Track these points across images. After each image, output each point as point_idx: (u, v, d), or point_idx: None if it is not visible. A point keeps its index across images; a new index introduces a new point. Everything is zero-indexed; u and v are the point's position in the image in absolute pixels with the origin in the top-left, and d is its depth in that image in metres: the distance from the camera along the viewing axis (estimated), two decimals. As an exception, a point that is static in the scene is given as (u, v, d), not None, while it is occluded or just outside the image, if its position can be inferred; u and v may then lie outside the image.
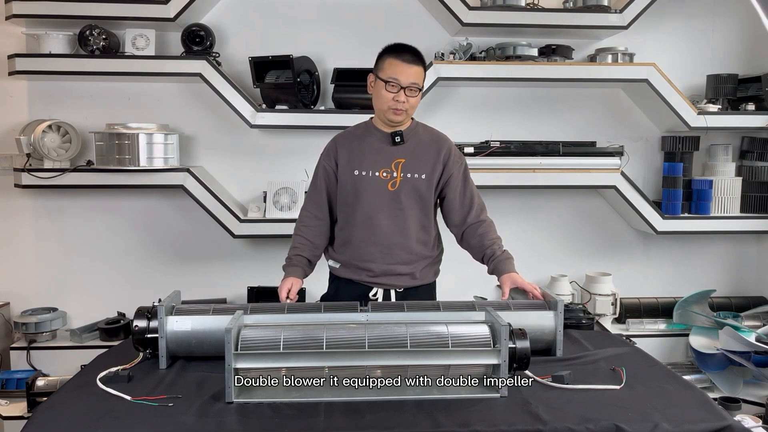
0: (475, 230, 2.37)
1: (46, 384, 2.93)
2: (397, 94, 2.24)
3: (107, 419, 1.63)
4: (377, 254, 2.32)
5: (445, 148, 2.38)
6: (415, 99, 2.28)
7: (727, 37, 3.83)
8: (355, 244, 2.34)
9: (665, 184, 3.69)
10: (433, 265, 2.45)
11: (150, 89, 3.59)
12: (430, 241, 2.40)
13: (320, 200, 2.40)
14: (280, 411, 1.68)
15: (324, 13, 3.63)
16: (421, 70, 2.28)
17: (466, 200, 2.39)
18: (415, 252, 2.35)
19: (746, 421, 1.94)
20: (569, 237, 3.90)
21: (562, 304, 2.09)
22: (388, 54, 2.27)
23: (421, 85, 2.28)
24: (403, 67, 2.24)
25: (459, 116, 3.74)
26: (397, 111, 2.26)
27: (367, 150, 2.34)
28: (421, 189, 2.33)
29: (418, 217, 2.34)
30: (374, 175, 2.31)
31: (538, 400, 1.73)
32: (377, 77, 2.28)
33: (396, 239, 2.32)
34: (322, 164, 2.40)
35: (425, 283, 2.42)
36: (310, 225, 2.40)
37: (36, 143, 3.27)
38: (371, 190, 2.31)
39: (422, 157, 2.34)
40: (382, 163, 2.32)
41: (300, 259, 2.35)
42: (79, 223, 3.64)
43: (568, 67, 3.48)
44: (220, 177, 3.68)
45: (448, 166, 2.36)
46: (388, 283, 2.35)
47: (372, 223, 2.31)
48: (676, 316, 3.71)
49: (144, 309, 1.99)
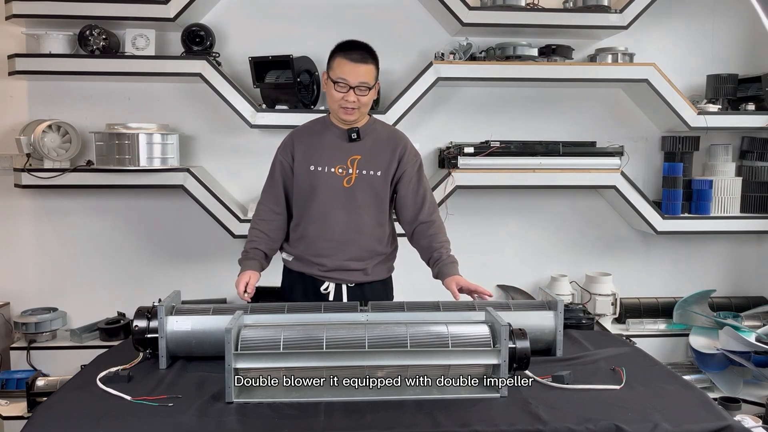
0: (426, 230, 2.37)
1: (46, 384, 2.93)
2: (347, 94, 2.24)
3: (107, 419, 1.63)
4: (331, 250, 2.33)
5: (401, 145, 2.39)
6: (367, 97, 2.28)
7: (727, 37, 3.83)
8: (310, 239, 2.35)
9: (665, 184, 3.69)
10: (387, 262, 2.45)
11: (150, 89, 3.59)
12: (385, 238, 2.41)
13: (277, 194, 2.40)
14: (280, 411, 1.68)
15: (324, 13, 3.63)
16: (371, 68, 2.26)
17: (419, 198, 2.39)
18: (369, 249, 2.36)
19: (746, 421, 1.95)
20: (569, 237, 3.90)
21: (562, 304, 2.09)
22: (338, 52, 2.27)
23: (371, 84, 2.27)
24: (351, 66, 2.23)
25: (459, 116, 3.74)
26: (347, 110, 2.27)
27: (324, 146, 2.35)
28: (376, 186, 2.33)
29: (373, 214, 2.35)
30: (330, 171, 2.32)
31: (538, 400, 1.73)
32: (328, 76, 2.29)
33: (350, 235, 2.33)
34: (279, 158, 2.41)
35: (378, 279, 2.42)
36: (267, 219, 2.40)
37: (36, 143, 3.27)
38: (327, 186, 2.31)
39: (378, 154, 2.35)
40: (338, 160, 2.32)
41: (257, 252, 2.36)
42: (79, 223, 3.64)
43: (568, 67, 3.48)
44: (220, 177, 3.68)
45: (403, 162, 2.37)
46: (340, 277, 2.36)
47: (327, 219, 2.32)
48: (676, 316, 3.71)
49: (144, 309, 1.99)
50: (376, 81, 2.30)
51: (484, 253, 3.83)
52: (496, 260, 3.85)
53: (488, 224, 3.84)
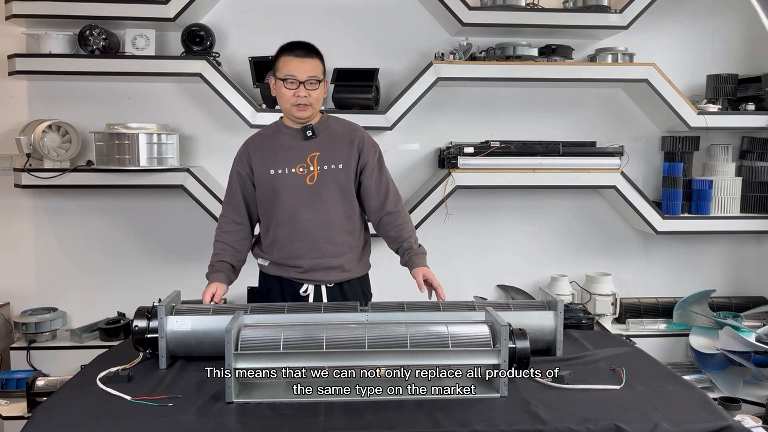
0: (394, 220, 2.39)
1: (46, 384, 2.93)
2: (297, 90, 2.26)
3: (107, 419, 1.63)
4: (304, 250, 2.34)
5: (359, 137, 2.40)
6: (318, 92, 2.30)
7: (727, 37, 3.83)
8: (281, 242, 2.36)
9: (665, 184, 3.69)
10: (363, 255, 2.47)
11: (150, 89, 3.58)
12: (355, 230, 2.42)
13: (237, 204, 2.40)
14: (280, 411, 1.68)
15: (324, 13, 3.63)
16: (317, 62, 2.29)
17: (382, 187, 2.41)
18: (341, 243, 2.37)
19: (746, 421, 1.94)
20: (569, 237, 3.90)
21: (562, 304, 2.09)
22: (281, 53, 2.30)
23: (320, 77, 2.29)
24: (297, 62, 2.26)
25: (459, 116, 3.74)
26: (300, 107, 2.28)
27: (280, 148, 2.35)
28: (340, 179, 2.34)
29: (340, 207, 2.36)
30: (291, 172, 2.32)
31: (538, 400, 1.73)
32: (276, 78, 2.30)
33: (320, 232, 2.33)
34: (236, 169, 2.41)
35: (356, 276, 2.43)
36: (230, 230, 2.40)
37: (36, 143, 3.27)
38: (290, 186, 2.32)
39: (337, 147, 2.36)
40: (298, 159, 2.33)
41: (223, 264, 2.36)
42: (79, 223, 3.64)
43: (568, 67, 3.48)
44: (220, 177, 3.67)
45: (364, 153, 2.38)
46: (318, 278, 2.37)
47: (295, 220, 2.32)
48: (676, 316, 3.71)
49: (144, 309, 1.99)
50: (324, 76, 2.32)
51: (484, 253, 3.83)
52: (496, 260, 3.85)
53: (488, 224, 3.84)
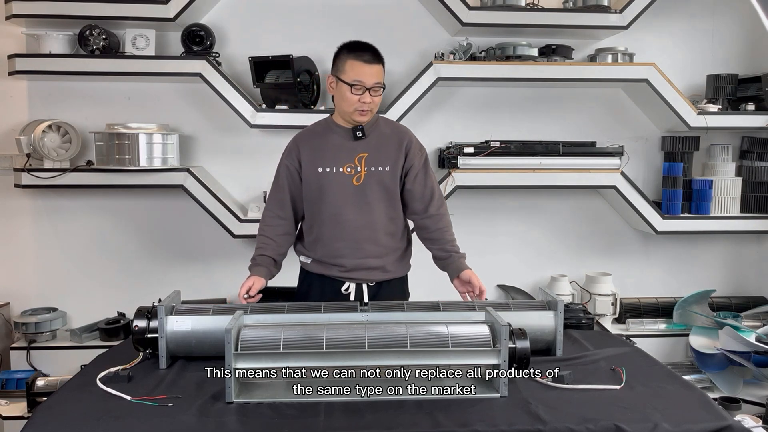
0: (436, 223, 2.39)
1: (46, 384, 2.93)
2: (363, 96, 2.25)
3: (107, 419, 1.63)
4: (346, 249, 2.34)
5: (407, 139, 2.40)
6: (379, 98, 2.31)
7: (727, 37, 3.83)
8: (325, 241, 2.36)
9: (665, 184, 3.69)
10: (404, 257, 2.47)
11: (150, 89, 3.58)
12: (398, 232, 2.42)
13: (283, 199, 2.40)
14: (280, 411, 1.68)
15: (324, 13, 3.63)
16: (381, 68, 2.29)
17: (427, 190, 2.40)
18: (384, 244, 2.37)
19: (746, 421, 1.94)
20: (569, 237, 3.90)
21: (562, 304, 2.09)
22: (348, 55, 2.26)
23: (383, 83, 2.30)
24: (366, 68, 2.24)
25: (459, 116, 3.74)
26: (362, 112, 2.28)
27: (330, 147, 2.35)
28: (386, 181, 2.34)
29: (384, 210, 2.36)
30: (338, 171, 2.32)
31: (538, 400, 1.73)
32: (339, 79, 2.28)
33: (364, 233, 2.33)
34: (285, 164, 2.41)
35: (397, 277, 2.43)
36: (273, 224, 2.40)
37: (36, 143, 3.27)
38: (336, 186, 2.32)
39: (385, 149, 2.35)
40: (346, 159, 2.33)
41: (264, 258, 2.36)
42: (79, 223, 3.64)
43: (568, 67, 3.48)
44: (220, 177, 3.68)
45: (410, 156, 2.38)
46: (360, 277, 2.37)
47: (339, 219, 2.32)
48: (676, 316, 3.71)
49: (144, 309, 1.99)
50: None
51: (484, 253, 3.83)
52: (496, 260, 3.85)
53: (488, 224, 3.84)
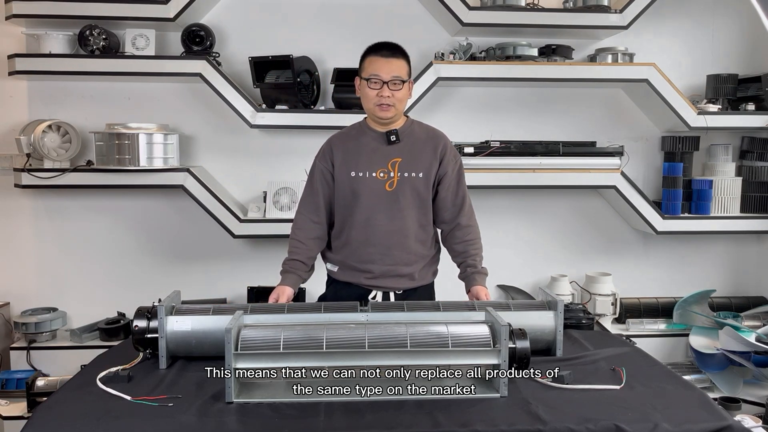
0: (464, 235, 2.38)
1: (46, 384, 2.93)
2: (381, 90, 2.23)
3: (107, 419, 1.63)
4: (376, 255, 2.31)
5: (441, 144, 2.36)
6: (402, 92, 2.26)
7: (727, 37, 3.83)
8: (354, 245, 2.33)
9: (665, 184, 3.69)
10: (432, 264, 2.44)
11: (150, 89, 3.58)
12: (429, 239, 2.40)
13: (317, 203, 2.37)
14: (280, 411, 1.68)
15: (324, 13, 3.63)
16: (402, 63, 2.26)
17: (458, 200, 2.38)
18: (414, 252, 2.34)
19: (746, 421, 1.95)
20: (569, 237, 3.90)
21: (562, 304, 2.09)
22: (368, 54, 2.28)
23: (404, 78, 2.26)
24: (382, 62, 2.23)
25: (459, 116, 3.74)
26: (383, 107, 2.25)
27: (363, 150, 2.32)
28: (419, 188, 2.31)
29: (416, 216, 2.33)
30: (371, 176, 2.29)
31: (538, 400, 1.73)
32: (361, 78, 2.29)
33: (395, 239, 2.30)
34: (319, 166, 2.38)
35: (423, 284, 2.41)
36: (305, 227, 2.37)
37: (36, 143, 3.27)
38: (369, 190, 2.29)
39: (419, 155, 2.32)
40: (379, 163, 2.30)
41: (295, 264, 2.33)
42: (79, 223, 3.63)
43: (568, 67, 3.48)
44: (220, 177, 3.68)
45: (444, 162, 2.35)
46: (388, 285, 2.34)
47: (370, 224, 2.29)
48: (676, 316, 3.71)
49: (144, 309, 1.99)
50: (409, 77, 2.29)
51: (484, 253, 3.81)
52: (496, 260, 3.82)
53: (488, 224, 3.81)
